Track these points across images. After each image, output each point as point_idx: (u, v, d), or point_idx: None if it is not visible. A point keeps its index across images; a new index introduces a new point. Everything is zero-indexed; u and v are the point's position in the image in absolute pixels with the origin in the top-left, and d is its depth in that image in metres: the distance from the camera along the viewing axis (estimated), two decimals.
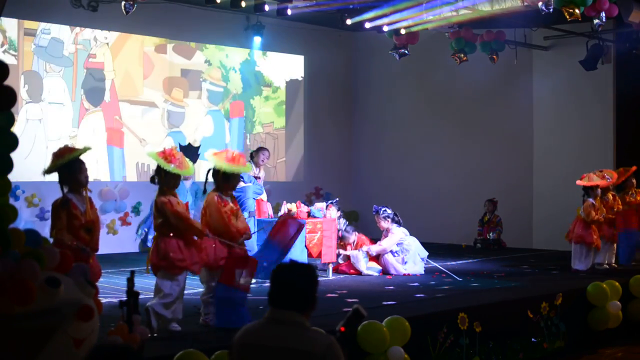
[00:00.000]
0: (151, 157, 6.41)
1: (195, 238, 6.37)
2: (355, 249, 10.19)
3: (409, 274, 9.98)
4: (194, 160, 11.08)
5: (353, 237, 10.30)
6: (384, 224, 10.26)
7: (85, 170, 5.90)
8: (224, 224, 6.56)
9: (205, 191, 6.88)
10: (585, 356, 8.31)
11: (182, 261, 6.19)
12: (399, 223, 10.29)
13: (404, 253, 10.14)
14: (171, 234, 6.22)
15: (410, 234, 10.42)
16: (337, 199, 10.81)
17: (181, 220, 6.20)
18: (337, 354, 3.26)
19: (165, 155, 6.30)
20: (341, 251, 10.22)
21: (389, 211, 10.28)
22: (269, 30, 14.42)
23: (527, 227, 14.14)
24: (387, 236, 10.20)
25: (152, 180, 6.44)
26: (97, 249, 5.91)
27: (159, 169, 6.34)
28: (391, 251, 10.12)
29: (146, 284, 7.44)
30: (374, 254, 10.10)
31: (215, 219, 6.57)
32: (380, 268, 10.12)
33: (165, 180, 6.32)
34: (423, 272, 10.12)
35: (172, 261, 6.16)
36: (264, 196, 10.38)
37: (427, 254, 10.30)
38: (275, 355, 3.25)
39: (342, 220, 10.43)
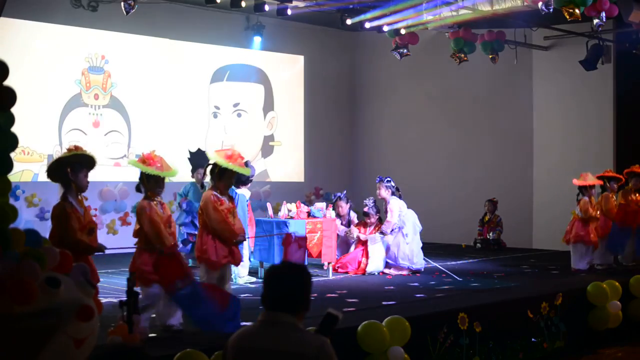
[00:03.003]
0: (131, 164, 6.26)
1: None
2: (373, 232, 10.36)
3: (411, 268, 10.06)
4: (205, 165, 11.03)
5: (374, 219, 10.48)
6: (384, 193, 10.40)
7: (87, 175, 5.89)
8: (222, 221, 6.60)
9: (202, 186, 6.85)
10: (585, 356, 8.29)
11: (152, 274, 6.03)
12: (399, 197, 10.46)
13: (403, 223, 10.26)
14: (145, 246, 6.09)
15: None
16: (345, 191, 11.03)
17: (152, 228, 6.06)
18: (330, 355, 3.24)
19: (144, 159, 6.16)
20: (358, 233, 10.39)
21: (392, 183, 10.43)
22: (269, 30, 14.42)
23: (527, 227, 14.13)
24: (387, 210, 10.36)
25: (138, 188, 6.27)
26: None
27: (142, 175, 6.20)
28: (391, 231, 10.23)
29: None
30: (389, 231, 10.24)
31: (213, 218, 6.61)
32: (381, 269, 10.16)
33: (149, 185, 6.19)
34: (424, 262, 10.26)
35: (143, 274, 6.00)
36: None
37: (421, 228, 10.41)
38: (269, 358, 3.24)
39: (370, 200, 10.58)
